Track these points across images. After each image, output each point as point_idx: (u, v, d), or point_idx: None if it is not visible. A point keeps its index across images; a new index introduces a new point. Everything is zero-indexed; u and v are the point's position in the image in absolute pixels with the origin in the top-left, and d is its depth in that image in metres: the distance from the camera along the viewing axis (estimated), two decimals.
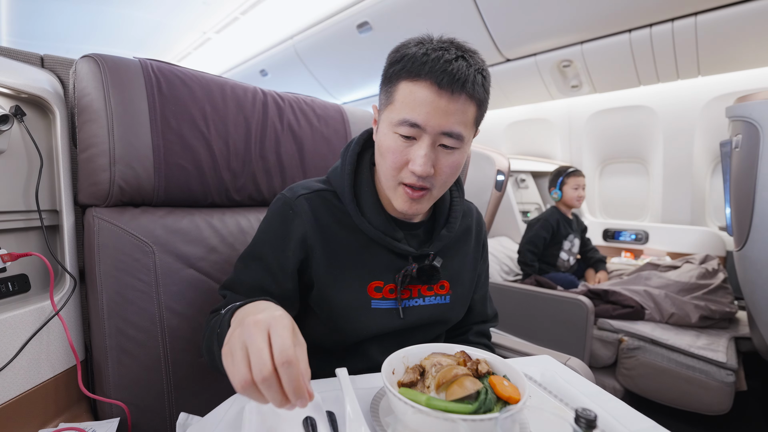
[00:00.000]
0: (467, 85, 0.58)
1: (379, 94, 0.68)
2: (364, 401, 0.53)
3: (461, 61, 0.58)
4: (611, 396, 0.59)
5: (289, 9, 3.29)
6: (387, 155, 0.63)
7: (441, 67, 0.57)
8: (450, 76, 0.57)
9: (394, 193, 0.66)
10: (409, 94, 0.59)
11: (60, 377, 0.72)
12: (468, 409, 0.45)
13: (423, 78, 0.58)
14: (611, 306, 1.95)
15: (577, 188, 2.42)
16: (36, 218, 0.71)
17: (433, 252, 0.74)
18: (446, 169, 0.63)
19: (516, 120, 3.69)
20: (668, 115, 2.78)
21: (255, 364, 0.38)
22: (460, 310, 0.81)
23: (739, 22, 2.01)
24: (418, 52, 0.59)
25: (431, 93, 0.58)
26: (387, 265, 0.71)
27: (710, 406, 1.59)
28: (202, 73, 0.87)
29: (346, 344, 0.73)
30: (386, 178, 0.66)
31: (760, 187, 1.29)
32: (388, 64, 0.64)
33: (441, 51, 0.59)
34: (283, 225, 0.70)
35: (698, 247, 2.71)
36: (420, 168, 0.60)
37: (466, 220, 0.83)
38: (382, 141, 0.64)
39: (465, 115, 0.61)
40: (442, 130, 0.59)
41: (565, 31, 2.46)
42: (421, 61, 0.58)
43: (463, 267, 0.81)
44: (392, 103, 0.62)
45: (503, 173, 1.85)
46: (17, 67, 0.70)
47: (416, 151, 0.61)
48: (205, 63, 4.61)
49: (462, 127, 0.61)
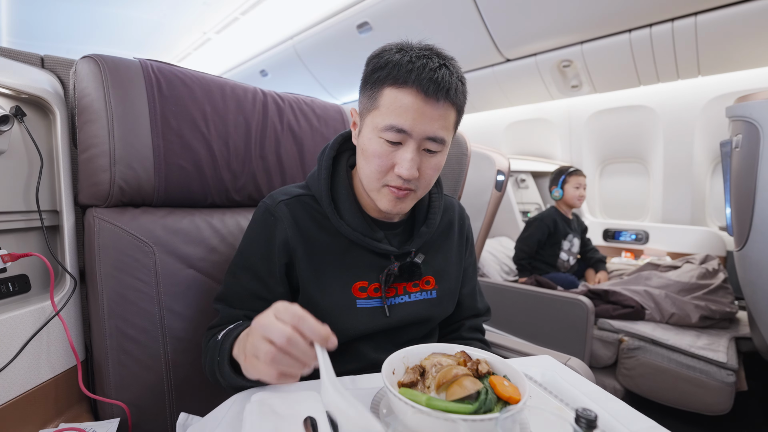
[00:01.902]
0: (450, 93, 0.61)
1: (359, 98, 0.69)
2: (364, 401, 0.53)
3: (444, 70, 0.61)
4: (611, 396, 0.59)
5: (289, 9, 3.30)
6: (372, 159, 0.65)
7: (427, 75, 0.59)
8: (435, 84, 0.59)
9: (378, 194, 0.68)
10: (395, 100, 0.61)
11: (60, 377, 0.72)
12: (468, 409, 0.45)
13: (409, 85, 0.60)
14: (611, 306, 1.95)
15: (578, 187, 2.42)
16: (36, 218, 0.71)
17: (414, 249, 0.75)
18: (429, 171, 0.66)
19: (516, 120, 3.69)
20: (668, 115, 2.78)
21: (274, 335, 0.45)
22: (447, 305, 0.82)
23: (739, 21, 2.01)
24: (402, 59, 0.61)
25: (417, 100, 0.60)
26: (369, 265, 0.73)
27: (711, 406, 1.59)
28: (203, 74, 0.87)
29: (343, 348, 0.73)
30: (370, 180, 0.67)
31: (761, 187, 1.29)
32: (370, 69, 0.65)
33: (425, 59, 0.61)
34: (265, 231, 0.71)
35: (698, 247, 2.71)
36: (407, 172, 0.62)
37: (448, 215, 0.84)
38: (367, 145, 0.65)
39: (447, 120, 0.64)
40: (427, 135, 0.62)
41: (565, 31, 2.46)
42: (406, 68, 0.60)
43: (447, 262, 0.82)
44: (377, 108, 0.63)
45: (503, 173, 1.85)
46: (17, 67, 0.70)
47: (402, 155, 0.63)
48: (205, 63, 4.61)
49: (444, 132, 0.64)
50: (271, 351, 0.45)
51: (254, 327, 0.48)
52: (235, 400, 0.55)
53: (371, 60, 0.65)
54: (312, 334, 0.46)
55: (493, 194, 1.76)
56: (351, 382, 0.61)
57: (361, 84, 0.68)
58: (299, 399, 0.53)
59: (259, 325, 0.47)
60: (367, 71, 0.66)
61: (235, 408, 0.53)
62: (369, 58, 0.66)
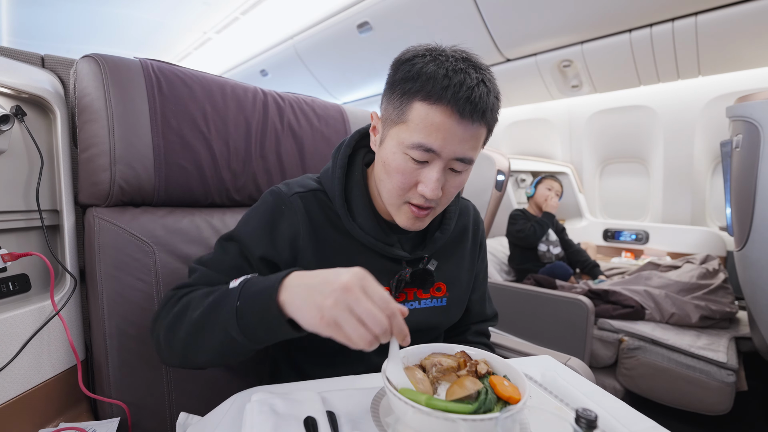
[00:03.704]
0: (486, 114, 0.58)
1: (383, 103, 0.64)
2: (364, 401, 0.53)
3: (482, 87, 0.56)
4: (612, 396, 0.59)
5: (289, 9, 3.29)
6: (394, 175, 0.61)
7: (464, 94, 0.55)
8: (472, 105, 0.55)
9: (398, 210, 0.65)
10: (426, 116, 0.56)
11: (60, 377, 0.72)
12: (468, 409, 0.45)
13: (444, 103, 0.55)
14: (611, 306, 1.95)
15: (550, 189, 2.49)
16: (36, 218, 0.71)
17: (427, 255, 0.73)
18: (452, 189, 0.63)
19: (516, 120, 3.69)
20: (669, 115, 2.78)
21: (373, 324, 0.44)
22: (456, 312, 0.79)
23: (739, 21, 2.01)
24: (437, 72, 0.56)
25: (451, 120, 0.56)
26: (381, 270, 0.69)
27: (711, 406, 1.59)
28: (203, 73, 0.87)
29: (341, 347, 0.72)
30: (390, 195, 0.64)
31: (761, 187, 1.29)
32: (400, 78, 0.59)
33: (462, 74, 0.56)
34: (271, 218, 0.67)
35: (699, 247, 2.71)
36: (431, 193, 0.59)
37: (463, 219, 0.81)
38: (390, 160, 0.61)
39: (478, 140, 0.60)
40: (456, 156, 0.59)
41: (566, 30, 2.46)
42: (442, 84, 0.55)
43: (459, 268, 0.79)
44: (405, 122, 0.59)
45: (503, 173, 1.85)
46: (18, 67, 0.70)
47: (428, 174, 0.59)
48: (206, 63, 4.61)
49: (474, 153, 0.61)
50: (368, 338, 0.44)
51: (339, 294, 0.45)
52: (235, 400, 0.55)
53: (401, 65, 0.60)
54: (398, 332, 0.47)
55: (494, 194, 1.76)
56: (351, 381, 0.62)
57: (386, 88, 0.63)
58: (299, 399, 0.53)
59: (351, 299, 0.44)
60: (395, 78, 0.60)
61: (235, 408, 0.53)
62: (397, 63, 0.61)
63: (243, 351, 0.55)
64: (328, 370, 0.70)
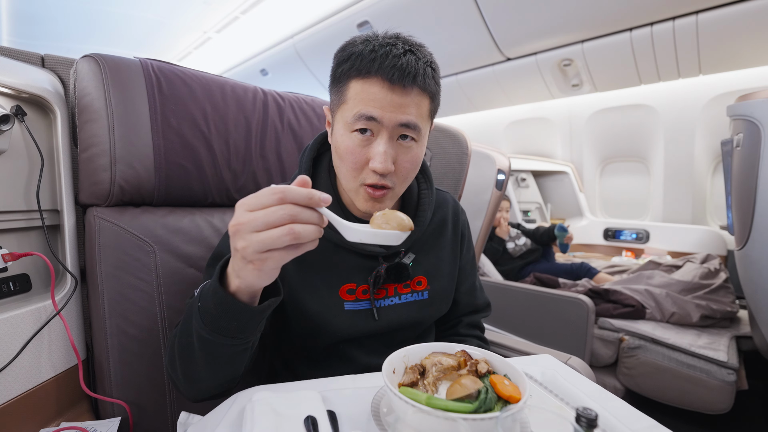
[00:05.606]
0: (418, 79, 0.58)
1: (329, 96, 0.67)
2: (364, 400, 0.53)
3: (410, 55, 0.58)
4: (612, 395, 0.59)
5: (289, 8, 3.29)
6: (346, 156, 0.62)
7: (390, 62, 0.57)
8: (400, 70, 0.57)
9: (356, 194, 0.65)
10: (361, 91, 0.59)
11: (61, 376, 0.72)
12: (468, 408, 0.45)
13: (373, 75, 0.58)
14: (612, 305, 1.95)
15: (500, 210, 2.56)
16: (37, 218, 0.71)
17: (403, 249, 0.73)
18: (406, 164, 0.63)
19: (516, 119, 3.69)
20: (669, 114, 2.78)
21: (278, 218, 0.41)
22: (440, 305, 0.78)
23: (740, 20, 2.01)
24: (365, 49, 0.59)
25: (383, 89, 0.58)
26: (357, 267, 0.70)
27: (711, 405, 1.59)
28: (203, 73, 0.87)
29: (325, 348, 0.72)
30: (347, 180, 0.65)
31: (762, 186, 1.29)
32: (335, 63, 0.63)
33: (388, 46, 0.58)
34: None
35: (699, 246, 2.71)
36: (380, 165, 0.59)
37: (441, 211, 0.81)
38: (339, 142, 0.63)
39: (419, 108, 0.61)
40: (399, 121, 0.59)
41: (566, 29, 2.45)
42: (369, 58, 0.58)
43: (440, 260, 0.79)
44: (345, 102, 0.61)
45: (504, 172, 1.84)
46: (18, 67, 0.70)
47: (375, 148, 0.60)
48: (206, 62, 4.61)
49: (419, 121, 0.61)
50: (289, 230, 0.41)
51: (233, 233, 0.43)
52: (236, 400, 0.55)
53: (336, 54, 0.63)
54: (296, 195, 0.42)
55: (494, 193, 1.76)
56: (351, 381, 0.61)
57: (329, 82, 0.65)
58: (299, 398, 0.53)
59: (239, 227, 0.42)
60: (333, 67, 0.63)
61: (235, 407, 0.53)
62: (335, 54, 0.64)
63: (226, 353, 0.53)
64: (314, 372, 0.70)
